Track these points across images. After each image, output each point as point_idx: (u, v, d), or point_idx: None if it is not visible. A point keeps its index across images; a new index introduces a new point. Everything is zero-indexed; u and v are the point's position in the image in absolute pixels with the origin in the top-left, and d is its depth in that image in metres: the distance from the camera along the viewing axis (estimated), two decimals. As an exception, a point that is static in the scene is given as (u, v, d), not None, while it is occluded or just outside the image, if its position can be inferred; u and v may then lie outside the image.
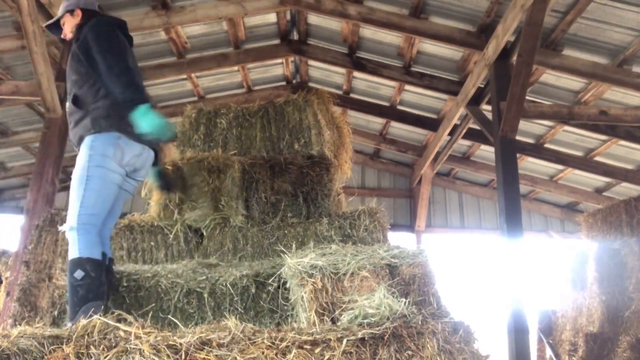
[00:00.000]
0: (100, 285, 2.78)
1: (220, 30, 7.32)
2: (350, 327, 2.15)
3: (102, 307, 2.68)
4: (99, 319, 2.09)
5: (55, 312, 3.54)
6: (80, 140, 3.00)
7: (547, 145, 8.42)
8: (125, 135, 2.99)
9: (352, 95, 9.00)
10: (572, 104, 6.85)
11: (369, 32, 7.12)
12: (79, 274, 2.74)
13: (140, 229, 4.07)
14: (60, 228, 2.98)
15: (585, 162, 8.46)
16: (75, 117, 3.05)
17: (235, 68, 8.22)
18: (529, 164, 9.27)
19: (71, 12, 3.25)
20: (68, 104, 3.13)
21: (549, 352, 6.42)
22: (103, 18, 3.29)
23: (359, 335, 2.03)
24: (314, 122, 4.79)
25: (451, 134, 8.36)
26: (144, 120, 2.83)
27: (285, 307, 3.09)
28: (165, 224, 4.13)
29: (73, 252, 2.81)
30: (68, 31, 3.26)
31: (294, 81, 9.25)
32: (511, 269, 5.31)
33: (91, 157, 2.91)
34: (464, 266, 11.52)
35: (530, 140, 8.43)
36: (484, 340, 2.32)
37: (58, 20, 3.30)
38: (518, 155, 7.68)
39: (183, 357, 1.85)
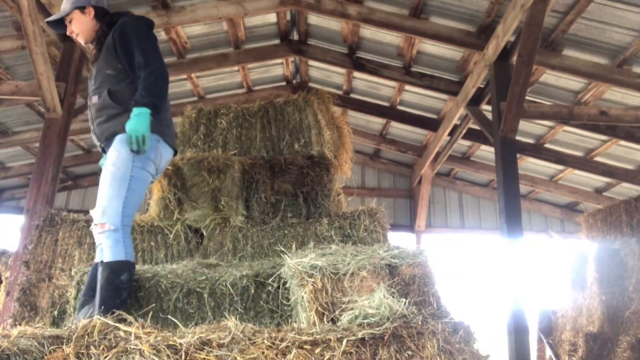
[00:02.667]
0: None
1: (220, 30, 7.32)
2: (350, 328, 2.14)
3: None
4: (99, 319, 2.08)
5: (55, 312, 3.55)
6: (113, 135, 2.93)
7: (547, 146, 8.42)
8: (163, 139, 2.98)
9: (352, 95, 9.00)
10: (572, 104, 6.85)
11: (369, 32, 7.12)
12: (126, 277, 2.75)
13: (140, 229, 4.07)
14: (94, 224, 2.87)
15: (585, 162, 8.47)
16: (109, 112, 2.95)
17: (235, 68, 8.23)
18: (529, 164, 9.27)
19: (81, 9, 3.12)
20: (96, 97, 3.02)
21: (549, 352, 6.42)
22: (138, 17, 3.22)
23: (359, 335, 2.03)
24: (314, 122, 4.79)
25: (451, 134, 8.36)
26: (137, 120, 2.76)
27: (285, 307, 3.08)
28: (165, 224, 4.13)
29: (118, 254, 2.78)
30: (78, 29, 3.14)
31: (294, 81, 9.25)
32: (511, 269, 5.32)
33: (135, 157, 2.85)
34: (464, 266, 11.54)
35: (530, 141, 8.44)
36: (484, 341, 2.32)
37: (63, 18, 3.17)
38: (518, 155, 7.68)
39: (183, 357, 1.85)
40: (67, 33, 3.21)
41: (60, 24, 3.23)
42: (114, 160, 2.86)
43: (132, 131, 2.75)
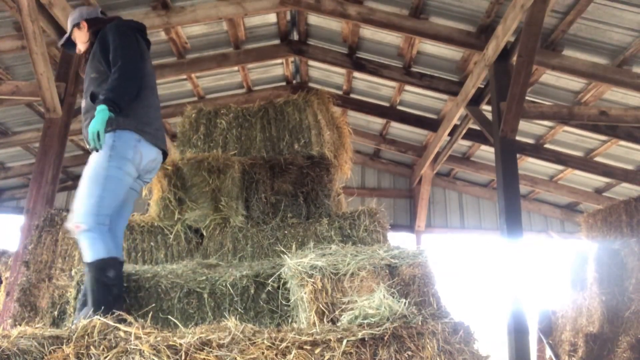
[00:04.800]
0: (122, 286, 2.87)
1: (220, 30, 7.32)
2: (350, 328, 2.15)
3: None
4: (99, 319, 2.08)
5: (55, 312, 3.55)
6: None
7: (547, 146, 8.42)
8: (144, 138, 2.98)
9: (352, 95, 9.00)
10: (572, 104, 6.85)
11: (369, 32, 7.12)
12: (112, 274, 2.77)
13: (140, 229, 4.07)
14: (67, 225, 2.94)
15: (585, 163, 8.47)
16: (92, 114, 2.99)
17: (235, 68, 8.23)
18: (529, 164, 9.27)
19: (77, 25, 3.29)
20: (84, 102, 3.13)
21: (549, 352, 6.42)
22: (123, 20, 3.32)
23: (359, 335, 2.03)
24: (313, 122, 4.79)
25: (451, 134, 8.36)
26: (95, 118, 2.78)
27: (285, 308, 3.08)
28: (165, 224, 4.13)
29: (98, 252, 2.79)
30: (80, 44, 3.31)
31: (294, 81, 9.25)
32: (511, 269, 5.31)
33: (112, 157, 2.89)
34: (464, 266, 11.55)
35: (530, 141, 8.44)
36: (483, 341, 2.32)
37: (70, 38, 3.35)
38: (518, 155, 7.69)
39: (183, 357, 1.86)
40: (77, 51, 3.38)
41: (73, 45, 3.40)
42: (91, 161, 2.92)
43: (89, 128, 2.79)
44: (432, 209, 10.82)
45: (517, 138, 5.99)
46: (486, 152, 9.43)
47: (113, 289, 2.77)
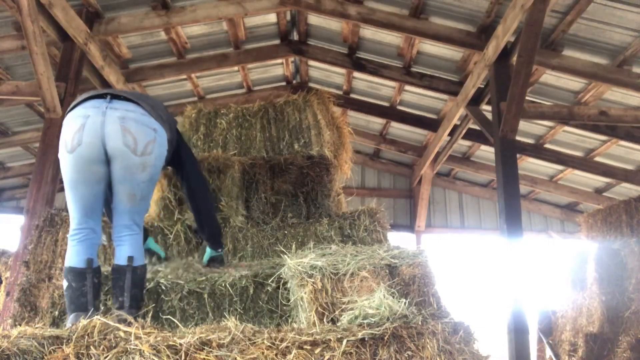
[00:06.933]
0: (82, 295, 2.72)
1: (220, 30, 7.32)
2: (350, 328, 2.15)
3: (86, 317, 2.44)
4: (99, 319, 2.09)
5: (55, 313, 3.54)
6: None
7: (547, 146, 8.42)
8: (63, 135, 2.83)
9: (352, 95, 9.00)
10: (572, 104, 6.85)
11: (369, 32, 7.12)
12: (64, 283, 2.76)
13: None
14: None
15: (585, 163, 8.47)
16: None
17: (235, 68, 8.23)
18: (529, 164, 9.27)
19: None
20: None
21: (549, 352, 6.42)
22: None
23: (359, 335, 2.03)
24: (313, 122, 4.79)
25: (451, 134, 8.36)
26: None
27: (285, 308, 3.08)
28: (165, 224, 4.13)
29: (66, 261, 2.82)
30: None
31: (294, 81, 9.25)
32: (511, 269, 5.31)
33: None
34: (464, 266, 11.55)
35: (530, 141, 8.44)
36: (483, 341, 2.32)
37: None
38: (518, 155, 7.69)
39: (183, 357, 1.86)
40: None
41: None
42: None
43: None
44: (432, 209, 10.82)
45: (517, 138, 5.99)
46: (486, 152, 9.43)
47: (65, 300, 2.76)
